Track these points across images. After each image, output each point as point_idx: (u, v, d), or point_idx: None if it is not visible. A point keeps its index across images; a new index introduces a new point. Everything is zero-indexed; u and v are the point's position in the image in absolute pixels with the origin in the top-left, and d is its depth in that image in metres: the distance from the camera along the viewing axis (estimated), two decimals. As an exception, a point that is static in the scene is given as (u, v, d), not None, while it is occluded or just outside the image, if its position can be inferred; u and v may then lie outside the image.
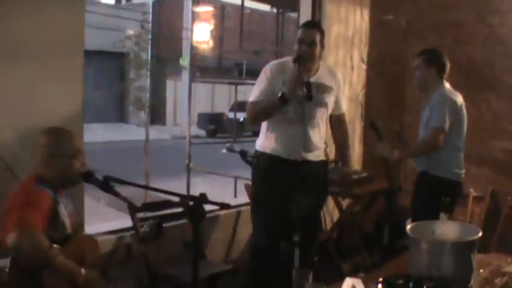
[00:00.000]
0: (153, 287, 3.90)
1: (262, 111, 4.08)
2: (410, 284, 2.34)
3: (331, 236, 5.31)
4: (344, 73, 6.03)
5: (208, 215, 2.77)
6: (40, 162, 2.91)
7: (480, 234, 2.67)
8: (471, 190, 5.53)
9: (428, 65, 4.32)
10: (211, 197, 2.76)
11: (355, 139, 6.33)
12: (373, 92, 6.31)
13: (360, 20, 6.13)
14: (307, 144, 4.12)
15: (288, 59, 4.17)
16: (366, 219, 5.70)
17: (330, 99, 4.21)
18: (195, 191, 3.22)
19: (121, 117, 23.03)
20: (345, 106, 6.03)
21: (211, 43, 21.02)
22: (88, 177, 2.89)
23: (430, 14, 6.10)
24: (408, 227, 2.80)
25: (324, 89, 4.16)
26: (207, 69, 19.04)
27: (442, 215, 3.08)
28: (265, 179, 4.17)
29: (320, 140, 4.21)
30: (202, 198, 2.66)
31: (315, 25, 4.27)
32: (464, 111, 4.32)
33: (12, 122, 3.20)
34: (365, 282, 2.44)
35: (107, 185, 2.83)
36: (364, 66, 6.24)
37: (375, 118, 4.59)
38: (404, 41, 6.21)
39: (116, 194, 2.88)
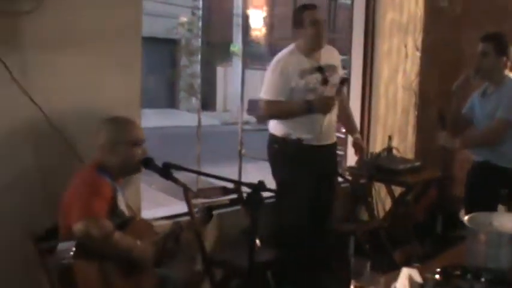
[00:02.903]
0: (207, 272, 3.96)
1: (283, 115, 4.17)
2: (468, 276, 2.33)
3: (383, 225, 5.30)
4: (398, 61, 5.99)
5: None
6: (102, 149, 2.98)
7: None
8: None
9: (499, 53, 4.10)
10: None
11: (409, 128, 6.29)
12: (426, 80, 6.24)
13: (414, 7, 6.05)
14: (328, 127, 4.25)
15: (293, 47, 4.21)
16: (418, 208, 5.67)
17: (338, 78, 4.29)
18: (247, 178, 3.27)
19: (172, 103, 23.22)
20: (399, 94, 6.06)
21: (263, 30, 20.97)
22: (148, 163, 2.96)
23: (486, 0, 5.99)
24: (465, 217, 2.79)
25: (332, 69, 4.25)
26: (258, 56, 19.02)
27: (500, 207, 3.06)
28: (294, 164, 4.20)
29: (335, 121, 4.37)
30: (261, 186, 2.69)
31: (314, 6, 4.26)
32: None
33: (75, 108, 3.28)
34: (421, 272, 2.44)
35: (166, 171, 2.89)
36: (418, 54, 6.17)
37: (443, 107, 4.46)
38: (459, 28, 6.11)
39: (175, 180, 2.94)
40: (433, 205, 5.56)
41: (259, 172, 4.05)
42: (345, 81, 4.47)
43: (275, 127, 4.27)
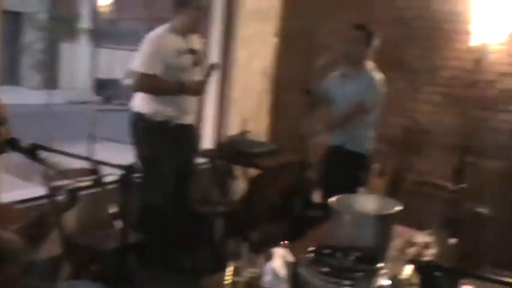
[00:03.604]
0: (68, 256, 3.85)
1: (155, 90, 4.22)
2: (338, 254, 2.45)
3: (240, 207, 5.41)
4: (255, 47, 6.11)
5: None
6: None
7: (400, 207, 2.85)
8: (375, 165, 5.77)
9: (366, 42, 4.45)
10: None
11: (263, 112, 6.45)
12: (282, 66, 6.42)
13: (273, -7, 6.20)
14: (193, 108, 4.43)
15: (170, 26, 4.27)
16: (274, 191, 5.84)
17: (206, 62, 4.51)
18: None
19: (13, 80, 22.14)
20: (255, 79, 6.20)
21: (112, 8, 20.46)
22: (14, 144, 2.82)
23: (342, -7, 6.27)
24: (330, 199, 2.94)
25: (202, 53, 4.45)
26: (107, 34, 18.56)
27: (361, 189, 3.25)
28: (160, 143, 4.25)
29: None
30: (132, 168, 2.67)
31: None
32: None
33: None
34: (292, 252, 2.54)
35: (33, 152, 2.78)
36: (275, 41, 6.32)
37: (312, 86, 4.67)
38: (315, 17, 6.34)
39: (42, 162, 2.82)
40: (289, 188, 5.75)
41: (109, 152, 4.02)
42: (215, 66, 4.53)
43: (142, 105, 4.25)
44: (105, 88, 22.57)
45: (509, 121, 5.58)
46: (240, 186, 5.86)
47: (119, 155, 4.12)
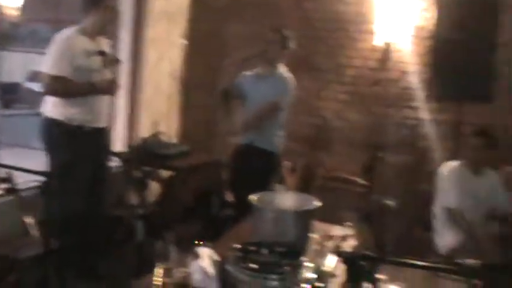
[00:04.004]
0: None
1: (66, 93, 4.13)
2: (263, 250, 2.51)
3: (154, 209, 5.38)
4: (164, 48, 6.11)
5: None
6: None
7: (319, 203, 2.95)
8: (285, 162, 5.89)
9: (284, 46, 4.57)
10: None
11: (173, 113, 6.45)
12: (191, 67, 6.44)
13: (181, -4, 6.21)
14: (104, 110, 4.33)
15: (79, 28, 4.20)
16: (187, 191, 5.85)
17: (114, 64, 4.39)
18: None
19: None
20: (164, 81, 6.19)
21: (18, 10, 19.74)
22: None
23: (250, -5, 6.37)
24: (251, 197, 2.99)
25: (109, 55, 4.33)
26: (15, 37, 17.91)
27: (279, 186, 3.33)
28: (73, 148, 4.17)
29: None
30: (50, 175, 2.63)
31: None
32: None
33: None
34: (216, 251, 2.58)
35: None
36: (183, 42, 6.34)
37: (228, 86, 4.71)
38: (224, 19, 6.41)
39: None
40: (203, 188, 5.78)
41: (18, 159, 3.92)
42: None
43: (54, 110, 4.16)
44: (6, 92, 21.76)
45: (412, 117, 5.85)
46: (154, 188, 5.83)
47: (27, 161, 4.03)
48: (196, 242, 2.68)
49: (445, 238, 4.30)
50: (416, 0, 5.67)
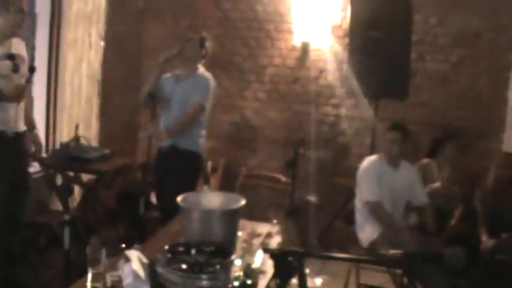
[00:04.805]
0: None
1: None
2: (192, 250, 2.56)
3: (77, 214, 5.31)
4: (82, 50, 6.01)
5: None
6: None
7: (243, 202, 3.01)
8: (208, 162, 5.94)
9: (203, 45, 4.62)
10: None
11: (93, 116, 6.36)
12: (110, 69, 6.37)
13: (98, -3, 6.14)
14: (19, 116, 4.15)
15: None
16: (110, 195, 5.80)
17: (27, 68, 4.21)
18: None
19: None
20: (83, 83, 6.10)
21: None
22: None
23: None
24: (178, 198, 3.02)
25: (22, 59, 4.17)
26: None
27: (206, 186, 3.37)
28: None
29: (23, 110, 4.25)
30: None
31: None
32: None
33: None
34: (145, 253, 2.60)
35: None
36: (102, 44, 6.27)
37: (150, 89, 4.68)
38: (142, 20, 6.38)
39: None
40: (127, 190, 5.74)
41: None
42: (34, 69, 4.33)
43: None
44: None
45: (331, 114, 6.00)
46: (76, 192, 5.75)
47: None
48: (123, 245, 2.68)
49: (367, 231, 4.45)
50: (333, -1, 5.83)
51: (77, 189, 5.70)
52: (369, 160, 4.60)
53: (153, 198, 5.34)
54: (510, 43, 5.59)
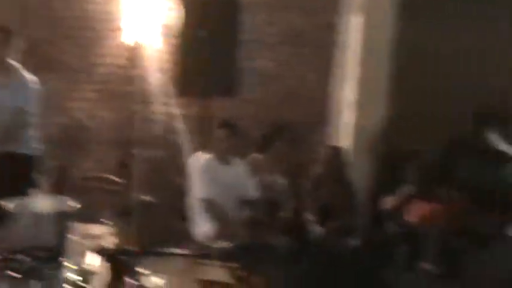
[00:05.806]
0: None
1: None
2: (19, 256, 2.48)
3: None
4: None
5: None
6: None
7: (75, 204, 2.96)
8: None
9: (8, 42, 4.34)
10: None
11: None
12: None
13: None
14: None
15: None
16: None
17: None
18: None
19: None
20: None
21: None
22: None
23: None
24: (3, 203, 2.91)
25: None
26: None
27: (35, 190, 3.26)
28: None
29: None
30: None
31: None
32: None
33: None
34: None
35: None
36: None
37: None
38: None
39: None
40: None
41: None
42: None
43: None
44: None
45: (162, 113, 6.03)
46: None
47: None
48: None
49: (201, 226, 4.54)
50: (162, -1, 5.85)
51: None
52: (199, 157, 4.69)
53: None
54: (333, 41, 5.95)
